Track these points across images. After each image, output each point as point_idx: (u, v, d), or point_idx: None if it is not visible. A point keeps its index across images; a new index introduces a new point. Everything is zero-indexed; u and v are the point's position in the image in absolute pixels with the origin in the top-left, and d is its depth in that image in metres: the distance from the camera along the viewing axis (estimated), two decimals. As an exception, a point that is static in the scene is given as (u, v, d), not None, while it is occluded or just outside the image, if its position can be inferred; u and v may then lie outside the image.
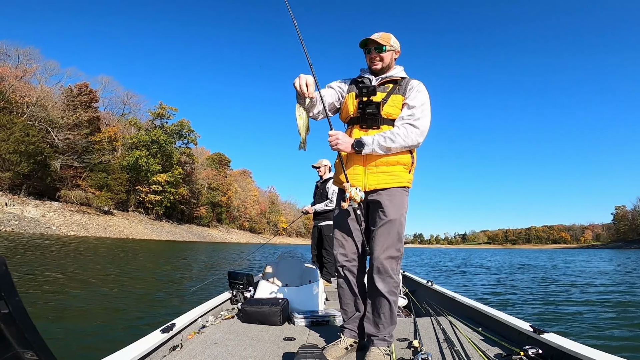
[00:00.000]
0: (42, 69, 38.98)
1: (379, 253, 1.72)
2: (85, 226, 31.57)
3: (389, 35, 1.87)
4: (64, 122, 36.04)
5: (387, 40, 1.84)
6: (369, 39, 1.84)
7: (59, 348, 2.59)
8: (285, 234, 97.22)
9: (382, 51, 1.84)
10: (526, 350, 1.66)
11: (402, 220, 1.77)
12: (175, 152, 49.27)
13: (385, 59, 1.85)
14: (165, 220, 48.99)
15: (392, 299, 1.74)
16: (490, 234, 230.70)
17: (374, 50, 1.84)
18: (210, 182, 61.56)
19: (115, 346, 1.54)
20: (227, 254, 19.72)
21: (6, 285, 0.78)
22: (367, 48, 1.87)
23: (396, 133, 1.71)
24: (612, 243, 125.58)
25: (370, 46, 1.85)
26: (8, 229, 22.88)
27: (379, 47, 1.83)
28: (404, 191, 1.82)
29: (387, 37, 1.85)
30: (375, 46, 1.83)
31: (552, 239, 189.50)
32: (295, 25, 1.89)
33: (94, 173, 38.13)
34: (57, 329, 3.14)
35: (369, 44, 1.85)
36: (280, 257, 3.47)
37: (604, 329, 4.22)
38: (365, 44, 1.86)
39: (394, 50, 1.89)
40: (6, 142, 28.79)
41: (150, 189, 44.66)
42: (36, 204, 30.92)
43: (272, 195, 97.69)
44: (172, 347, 1.78)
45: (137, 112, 53.32)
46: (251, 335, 2.13)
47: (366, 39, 1.84)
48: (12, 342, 0.79)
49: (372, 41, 1.84)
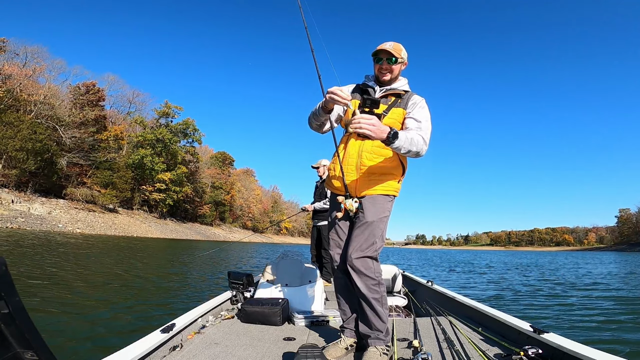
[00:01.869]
0: (49, 67, 39.47)
1: (350, 253, 1.75)
2: (91, 224, 31.87)
3: (400, 47, 1.85)
4: (71, 120, 36.39)
5: (398, 52, 1.82)
6: (382, 49, 1.82)
7: (59, 348, 2.59)
8: (287, 233, 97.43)
9: (393, 63, 1.83)
10: (526, 350, 1.65)
11: (380, 224, 1.79)
12: (180, 150, 49.57)
13: (394, 70, 1.86)
14: (169, 219, 49.33)
15: (372, 296, 1.74)
16: (493, 236, 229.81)
17: (385, 61, 1.83)
18: (214, 180, 61.88)
19: (115, 346, 1.55)
20: (230, 253, 19.77)
21: (6, 285, 0.79)
22: (378, 57, 1.85)
23: (412, 137, 1.69)
24: (616, 246, 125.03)
25: (382, 56, 1.83)
26: (14, 226, 23.16)
27: (391, 58, 1.83)
28: (388, 198, 1.84)
29: (399, 49, 1.84)
30: (387, 57, 1.82)
31: (556, 241, 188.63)
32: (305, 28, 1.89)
33: (100, 171, 38.50)
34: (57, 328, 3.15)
35: (382, 54, 1.83)
36: (280, 257, 3.48)
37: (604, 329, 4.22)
38: (378, 53, 1.85)
39: (403, 63, 1.89)
40: (13, 139, 29.14)
41: (154, 187, 44.97)
42: (42, 202, 31.27)
43: (275, 194, 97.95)
44: (172, 347, 1.79)
45: (142, 110, 53.73)
46: (251, 335, 2.14)
47: (380, 49, 1.83)
48: (12, 342, 0.79)
49: (385, 52, 1.82)
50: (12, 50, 36.05)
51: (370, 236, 1.75)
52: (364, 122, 1.57)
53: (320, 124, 1.89)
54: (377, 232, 1.77)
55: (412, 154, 1.73)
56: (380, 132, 1.59)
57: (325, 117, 1.83)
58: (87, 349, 2.74)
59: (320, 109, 1.80)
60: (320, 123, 1.88)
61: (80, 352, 2.68)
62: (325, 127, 1.92)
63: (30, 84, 34.38)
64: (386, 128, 1.61)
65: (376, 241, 1.76)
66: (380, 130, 1.59)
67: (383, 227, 1.80)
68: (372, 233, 1.75)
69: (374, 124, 1.59)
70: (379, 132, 1.59)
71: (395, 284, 3.73)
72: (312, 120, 1.89)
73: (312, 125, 1.92)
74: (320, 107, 1.80)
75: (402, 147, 1.65)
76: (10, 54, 35.81)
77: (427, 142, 1.76)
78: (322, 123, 1.89)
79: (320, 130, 1.93)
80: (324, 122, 1.88)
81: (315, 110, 1.85)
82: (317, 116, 1.84)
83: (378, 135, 1.59)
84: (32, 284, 5.18)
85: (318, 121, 1.87)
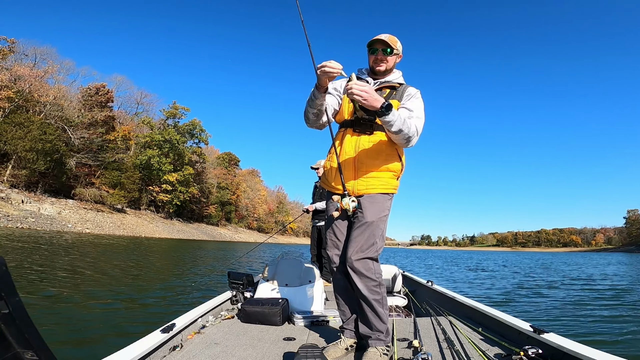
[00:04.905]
0: (59, 68, 39.89)
1: (350, 254, 1.72)
2: (100, 224, 32.24)
3: (395, 39, 1.83)
4: (80, 121, 36.83)
5: (394, 43, 1.81)
6: (378, 39, 1.80)
7: (59, 348, 2.60)
8: (292, 233, 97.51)
9: (389, 54, 1.82)
10: (526, 350, 1.65)
11: (380, 223, 1.76)
12: (187, 151, 49.94)
13: (390, 61, 1.84)
14: (175, 219, 49.73)
15: (373, 297, 1.72)
16: (500, 237, 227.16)
17: (380, 51, 1.80)
18: (220, 181, 62.20)
19: (115, 346, 1.56)
20: (234, 253, 19.87)
21: (6, 285, 0.78)
22: (373, 48, 1.82)
23: (406, 119, 1.65)
24: (624, 247, 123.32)
25: (378, 47, 1.81)
26: (25, 226, 23.48)
27: (386, 49, 1.80)
28: (387, 196, 1.81)
29: (394, 40, 1.82)
30: (382, 47, 1.80)
31: (563, 242, 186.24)
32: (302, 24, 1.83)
33: (108, 171, 38.95)
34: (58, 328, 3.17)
35: (377, 44, 1.81)
36: (280, 257, 3.49)
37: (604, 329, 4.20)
38: (373, 44, 1.82)
39: (398, 55, 1.88)
40: (23, 140, 29.56)
41: (161, 188, 45.39)
42: (52, 202, 31.72)
43: (280, 194, 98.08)
44: (172, 347, 1.79)
45: (149, 111, 54.35)
46: (251, 335, 2.14)
47: (376, 39, 1.80)
48: (12, 342, 0.79)
49: (381, 42, 1.79)
50: (21, 51, 36.51)
51: (371, 237, 1.72)
52: (356, 88, 1.52)
53: (317, 112, 1.76)
54: (377, 232, 1.74)
55: (403, 137, 1.68)
56: (374, 101, 1.54)
57: (321, 100, 1.71)
58: (87, 349, 2.76)
59: (315, 90, 1.69)
60: (317, 111, 1.75)
61: (80, 352, 2.70)
62: (323, 119, 1.82)
63: (40, 85, 34.72)
64: (381, 98, 1.56)
65: (376, 241, 1.73)
66: (374, 98, 1.54)
67: (383, 226, 1.78)
68: (372, 233, 1.72)
69: (367, 91, 1.53)
70: (372, 100, 1.54)
71: (395, 284, 3.72)
72: (308, 110, 1.77)
73: (309, 117, 1.79)
74: (315, 89, 1.69)
75: (394, 124, 1.61)
76: (19, 55, 36.28)
77: (418, 131, 1.73)
78: (319, 111, 1.77)
79: (318, 123, 1.83)
80: (321, 109, 1.76)
81: (310, 96, 1.73)
82: (312, 101, 1.72)
83: (371, 102, 1.54)
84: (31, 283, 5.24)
85: (314, 107, 1.73)
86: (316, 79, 1.65)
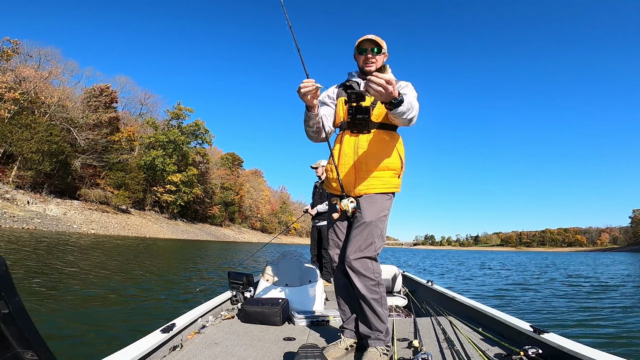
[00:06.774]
0: (63, 69, 40.12)
1: (349, 254, 1.73)
2: (105, 224, 32.43)
3: (380, 39, 1.85)
4: (84, 122, 37.07)
5: (381, 43, 1.83)
6: (367, 39, 1.81)
7: (59, 348, 2.62)
8: (295, 234, 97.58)
9: (378, 53, 1.83)
10: (526, 350, 1.65)
11: (379, 223, 1.76)
12: (191, 152, 50.16)
13: (379, 61, 1.85)
14: (179, 219, 49.96)
15: (372, 297, 1.73)
16: (504, 236, 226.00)
17: (370, 50, 1.82)
18: (223, 181, 62.38)
19: (115, 346, 1.57)
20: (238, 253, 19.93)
21: (6, 285, 0.79)
22: (362, 48, 1.83)
23: (410, 101, 1.58)
24: (630, 246, 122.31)
25: (367, 46, 1.82)
26: (31, 227, 23.66)
27: (375, 48, 1.82)
28: (386, 196, 1.81)
29: (381, 40, 1.84)
30: (372, 47, 1.82)
31: (568, 241, 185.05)
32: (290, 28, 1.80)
33: (113, 172, 39.16)
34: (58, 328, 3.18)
35: (366, 44, 1.82)
36: (280, 257, 3.50)
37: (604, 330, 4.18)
38: (362, 44, 1.83)
39: (385, 54, 1.89)
40: (29, 141, 29.79)
41: (165, 188, 45.61)
42: (57, 203, 31.96)
43: (283, 195, 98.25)
44: (172, 347, 1.80)
45: (153, 112, 54.66)
46: (251, 335, 2.15)
47: (365, 39, 1.82)
48: (12, 342, 0.80)
49: (371, 41, 1.81)
50: (25, 52, 36.64)
51: (369, 236, 1.73)
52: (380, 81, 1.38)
53: (315, 129, 1.80)
54: (376, 231, 1.74)
55: (407, 121, 1.64)
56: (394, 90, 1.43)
57: (314, 119, 1.74)
58: (87, 349, 2.76)
59: (307, 111, 1.73)
60: (315, 128, 1.80)
61: (80, 352, 2.70)
62: (322, 134, 1.85)
63: (45, 86, 34.90)
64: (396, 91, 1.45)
65: (375, 241, 1.74)
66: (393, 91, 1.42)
67: (382, 226, 1.78)
68: (371, 233, 1.73)
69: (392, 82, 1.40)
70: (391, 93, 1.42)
71: (395, 284, 3.72)
72: (307, 130, 1.82)
73: (310, 135, 1.85)
74: (306, 109, 1.73)
75: (403, 111, 1.53)
76: (23, 56, 36.44)
77: (415, 113, 1.69)
78: (318, 129, 1.81)
79: (320, 137, 1.86)
80: (319, 126, 1.80)
81: (304, 117, 1.78)
82: (307, 121, 1.77)
83: (386, 97, 1.44)
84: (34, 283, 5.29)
85: (311, 126, 1.78)
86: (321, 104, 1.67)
